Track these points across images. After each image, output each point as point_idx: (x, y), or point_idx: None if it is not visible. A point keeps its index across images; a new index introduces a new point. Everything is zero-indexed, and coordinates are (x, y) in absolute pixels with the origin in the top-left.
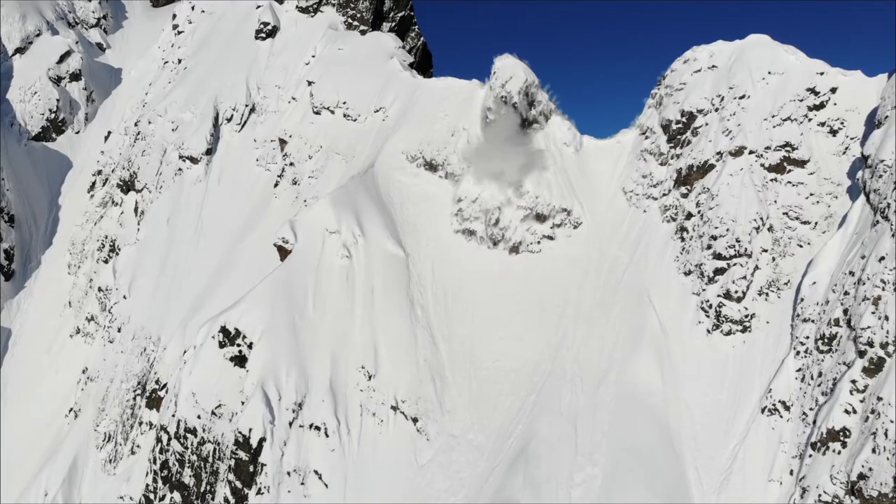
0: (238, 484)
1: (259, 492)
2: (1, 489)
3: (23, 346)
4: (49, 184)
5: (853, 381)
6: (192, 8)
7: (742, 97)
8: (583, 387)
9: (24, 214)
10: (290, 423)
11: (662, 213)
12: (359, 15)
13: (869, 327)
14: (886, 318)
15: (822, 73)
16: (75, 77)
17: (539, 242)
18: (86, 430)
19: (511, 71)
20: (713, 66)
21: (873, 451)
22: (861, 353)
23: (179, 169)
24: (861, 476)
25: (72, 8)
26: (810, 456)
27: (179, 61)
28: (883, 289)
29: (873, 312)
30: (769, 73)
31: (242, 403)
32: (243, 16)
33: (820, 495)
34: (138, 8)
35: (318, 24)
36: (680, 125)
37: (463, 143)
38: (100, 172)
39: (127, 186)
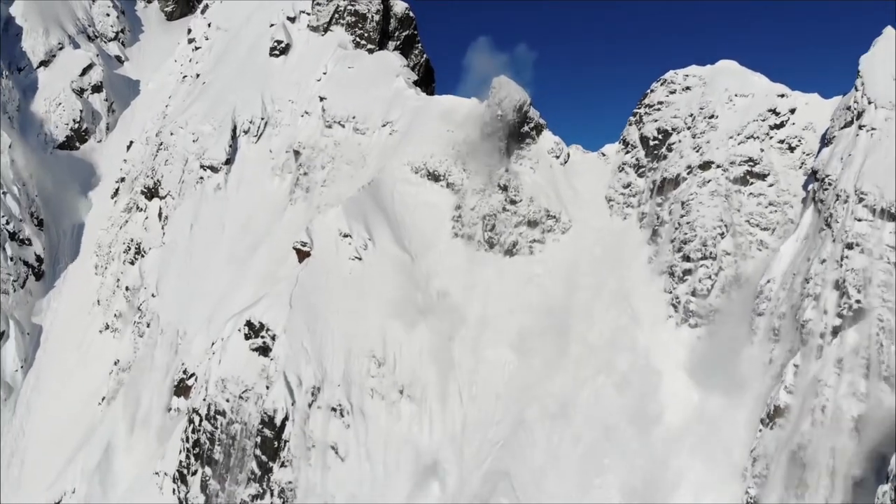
0: (264, 458)
1: (282, 465)
2: (37, 471)
3: (54, 341)
4: (74, 190)
5: (796, 366)
6: (209, 25)
7: (711, 117)
8: (570, 374)
9: (52, 218)
10: (310, 405)
11: (640, 220)
12: (366, 34)
13: (810, 320)
14: (825, 312)
15: (782, 96)
16: (97, 89)
17: (531, 246)
18: (118, 416)
19: (506, 91)
20: (687, 88)
21: (811, 424)
22: (804, 342)
23: (200, 177)
24: (800, 446)
25: (91, 22)
26: (760, 430)
27: (198, 76)
28: (823, 287)
29: (814, 307)
30: (736, 95)
31: (267, 388)
32: (258, 34)
33: (767, 463)
34: (154, 21)
35: (329, 42)
36: (657, 141)
37: (463, 155)
38: (123, 179)
39: (151, 193)
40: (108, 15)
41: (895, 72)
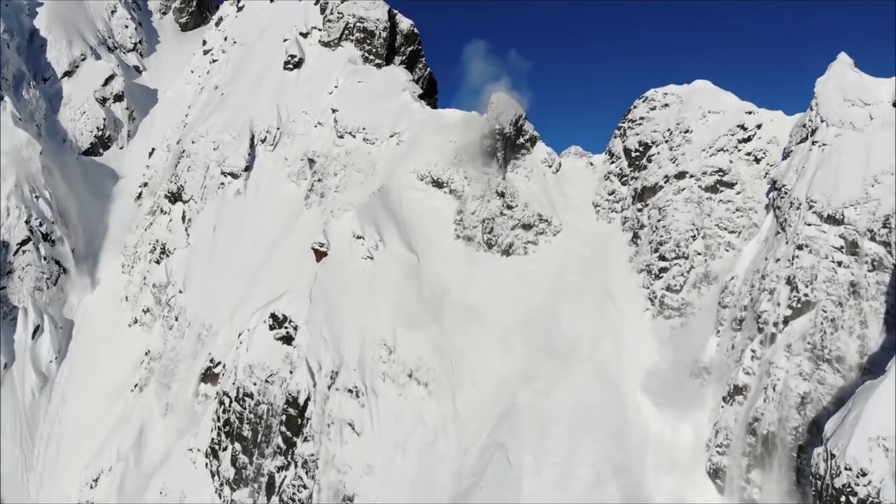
0: (288, 434)
1: (305, 440)
2: (71, 454)
3: (85, 335)
4: (98, 193)
5: (753, 351)
6: (225, 38)
7: (686, 131)
8: (559, 362)
9: (79, 220)
10: (329, 387)
11: (623, 224)
12: (374, 50)
13: (766, 311)
14: (778, 304)
15: (750, 113)
16: (118, 98)
17: (525, 247)
18: (151, 401)
19: (503, 106)
20: (665, 105)
21: (764, 400)
22: (760, 330)
23: (221, 183)
24: (755, 419)
25: (111, 34)
26: (722, 407)
27: (216, 87)
28: (777, 283)
29: (769, 300)
30: (709, 112)
31: (290, 373)
32: (272, 48)
33: (727, 434)
34: (169, 32)
35: (339, 57)
36: (638, 153)
37: (465, 164)
38: (146, 184)
39: (174, 198)
40: (126, 27)
41: (846, 94)
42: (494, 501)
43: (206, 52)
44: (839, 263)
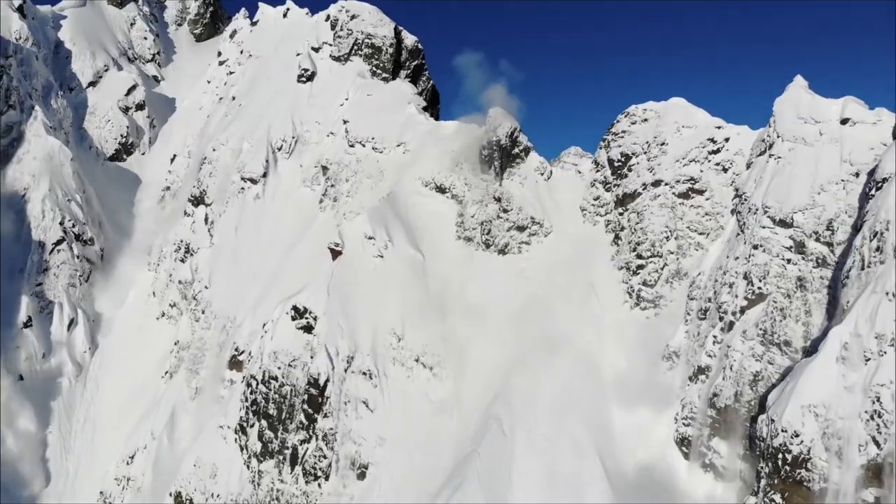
0: (310, 411)
1: (325, 416)
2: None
3: (114, 327)
4: (123, 197)
5: (714, 336)
6: (241, 52)
7: (663, 144)
8: (548, 348)
9: (107, 221)
10: (345, 370)
11: (606, 227)
12: (381, 65)
13: (725, 301)
14: (736, 296)
15: (719, 127)
16: (140, 107)
17: (519, 246)
18: (181, 386)
19: (500, 120)
20: (645, 120)
21: (723, 378)
22: (720, 319)
23: (242, 188)
24: (715, 395)
25: (131, 45)
26: (688, 385)
27: (233, 98)
28: (736, 278)
29: (728, 292)
30: (683, 126)
31: (311, 358)
32: (286, 62)
33: (692, 408)
34: (184, 43)
35: (349, 71)
36: (620, 163)
37: (465, 172)
38: (168, 188)
39: (197, 201)
40: (145, 38)
41: (800, 112)
42: (491, 465)
43: (221, 63)
44: (788, 261)
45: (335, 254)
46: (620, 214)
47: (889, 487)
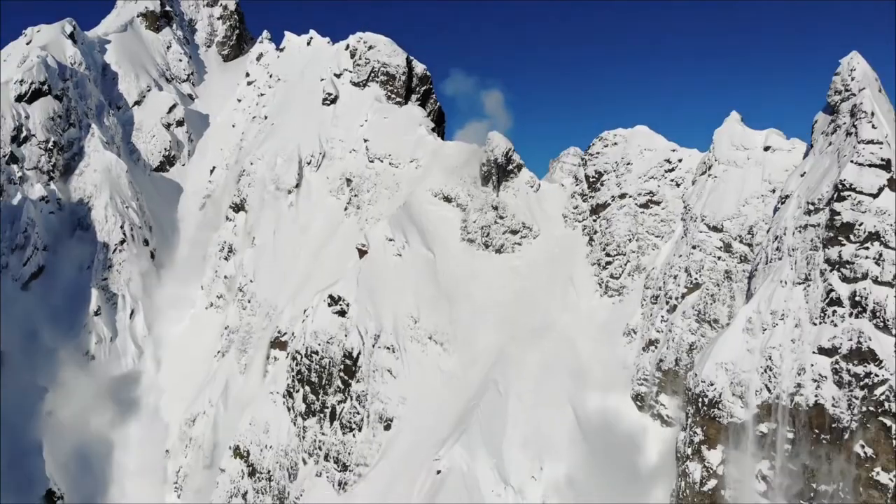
0: (345, 377)
1: (357, 381)
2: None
3: (168, 315)
4: (168, 203)
5: (662, 317)
6: (270, 75)
7: (628, 163)
8: (535, 328)
9: (156, 225)
10: (373, 346)
11: (583, 231)
12: (395, 90)
13: (671, 290)
14: (679, 284)
15: (674, 150)
16: (179, 123)
17: (513, 247)
18: (232, 362)
19: (497, 142)
20: (615, 144)
21: (667, 348)
22: (667, 303)
23: (277, 197)
24: (661, 360)
25: (168, 67)
26: (641, 354)
27: (265, 118)
28: (679, 271)
29: (673, 282)
30: (645, 149)
31: (345, 336)
32: (311, 86)
33: (644, 372)
34: (213, 63)
35: (367, 95)
36: (594, 178)
37: (468, 185)
38: (209, 196)
39: (237, 208)
40: (180, 60)
41: (733, 141)
42: (489, 416)
43: (249, 84)
44: (718, 258)
45: (362, 253)
46: (594, 221)
47: (776, 421)
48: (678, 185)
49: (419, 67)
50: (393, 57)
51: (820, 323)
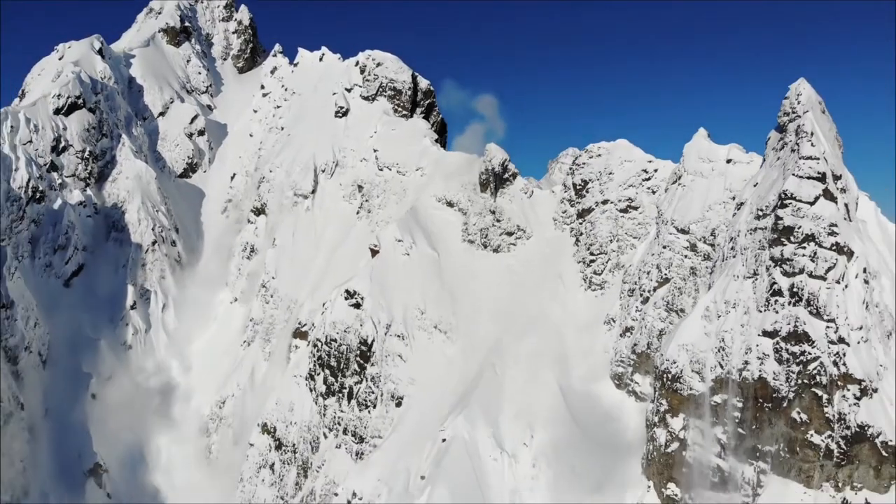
0: (361, 362)
1: (372, 365)
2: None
3: (196, 310)
4: (192, 207)
5: (636, 307)
6: (285, 89)
7: (610, 173)
8: (528, 319)
9: (182, 227)
10: (385, 334)
11: (570, 233)
12: (401, 104)
13: (644, 284)
14: (651, 279)
15: (650, 161)
16: (201, 133)
17: (508, 247)
18: (257, 351)
19: (494, 153)
20: (599, 155)
21: (640, 334)
22: (641, 295)
23: (295, 202)
24: (635, 345)
25: (188, 80)
26: (619, 339)
27: (282, 129)
28: (651, 268)
29: (646, 277)
30: (625, 161)
31: (360, 325)
32: (324, 100)
33: (621, 355)
34: (229, 75)
35: (376, 108)
36: (580, 186)
37: (468, 191)
38: (230, 201)
39: (258, 211)
40: (199, 73)
41: (700, 154)
42: (487, 393)
43: (264, 95)
44: (685, 256)
45: (374, 252)
46: (580, 224)
47: (727, 392)
48: (653, 193)
49: (423, 83)
50: (399, 73)
51: (764, 310)
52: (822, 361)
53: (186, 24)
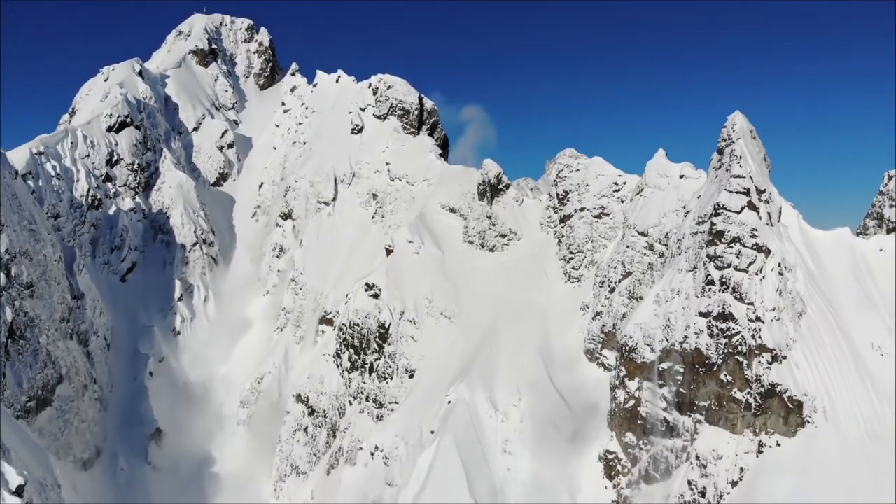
0: (380, 342)
1: (389, 344)
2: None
3: (233, 301)
4: (224, 212)
5: (605, 295)
6: (306, 107)
7: (587, 185)
8: (518, 308)
9: (217, 230)
10: (399, 319)
11: (554, 235)
12: (410, 122)
13: (611, 276)
14: (617, 273)
15: (620, 175)
16: (230, 146)
17: (502, 247)
18: (288, 336)
19: (490, 167)
20: (578, 170)
21: (607, 317)
22: (609, 286)
23: (318, 208)
24: (603, 325)
25: (216, 97)
26: (591, 322)
27: (304, 143)
28: (617, 264)
29: (613, 271)
30: (599, 174)
31: (379, 312)
32: (341, 117)
33: (593, 335)
34: (251, 91)
35: (387, 126)
36: (562, 195)
37: (468, 199)
38: (259, 206)
39: (285, 216)
40: (226, 91)
41: (658, 170)
42: (484, 366)
43: (285, 111)
44: (644, 254)
45: (388, 251)
46: (562, 227)
47: (672, 360)
48: (622, 202)
49: (428, 103)
50: (408, 95)
51: (700, 296)
52: (742, 335)
53: (213, 46)
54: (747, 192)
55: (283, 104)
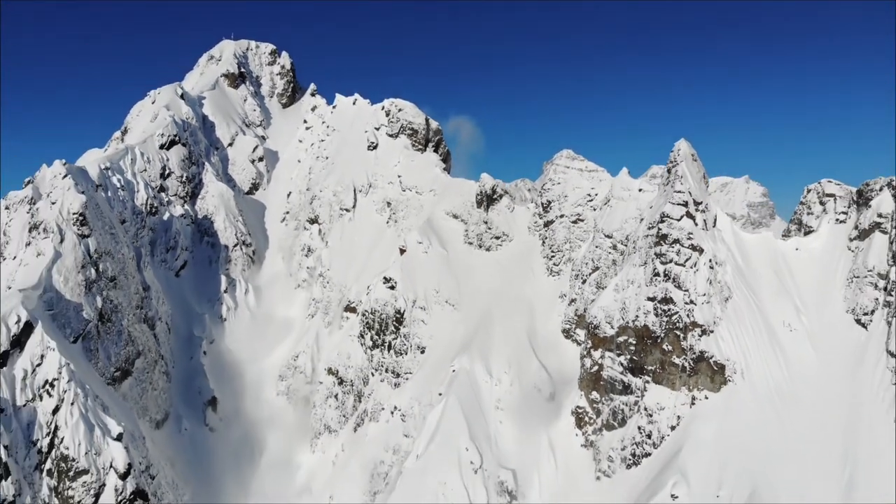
0: (396, 325)
1: (403, 326)
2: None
3: (269, 294)
4: (257, 218)
5: (578, 286)
6: (326, 126)
7: (566, 196)
8: (510, 299)
9: (252, 233)
10: (412, 307)
11: (539, 237)
12: (418, 140)
13: (583, 270)
14: (588, 268)
15: (593, 188)
16: (260, 159)
17: (497, 248)
18: (318, 322)
19: (486, 181)
20: (559, 183)
21: (580, 302)
22: (581, 279)
23: (340, 214)
24: (577, 309)
25: (246, 116)
26: (568, 307)
27: (327, 158)
28: (589, 260)
29: (585, 266)
30: (576, 187)
31: (395, 301)
32: (358, 136)
33: (568, 316)
34: (275, 109)
35: (399, 144)
36: (546, 204)
37: (468, 207)
38: (288, 212)
39: (312, 221)
40: (254, 110)
41: (623, 185)
42: (482, 343)
43: (307, 129)
44: (609, 253)
45: (402, 251)
46: (546, 230)
47: (626, 335)
48: (594, 210)
49: (434, 124)
50: (416, 117)
51: (648, 285)
52: (680, 314)
53: (242, 69)
54: (686, 205)
55: (305, 122)
